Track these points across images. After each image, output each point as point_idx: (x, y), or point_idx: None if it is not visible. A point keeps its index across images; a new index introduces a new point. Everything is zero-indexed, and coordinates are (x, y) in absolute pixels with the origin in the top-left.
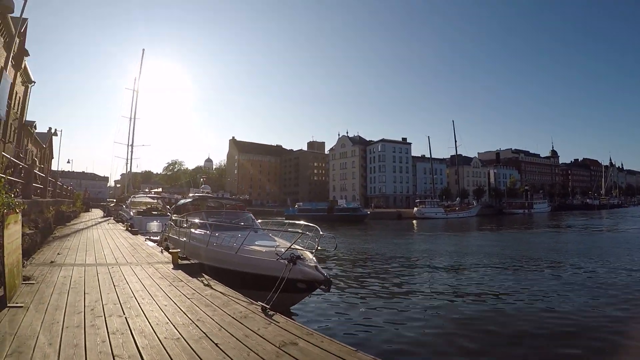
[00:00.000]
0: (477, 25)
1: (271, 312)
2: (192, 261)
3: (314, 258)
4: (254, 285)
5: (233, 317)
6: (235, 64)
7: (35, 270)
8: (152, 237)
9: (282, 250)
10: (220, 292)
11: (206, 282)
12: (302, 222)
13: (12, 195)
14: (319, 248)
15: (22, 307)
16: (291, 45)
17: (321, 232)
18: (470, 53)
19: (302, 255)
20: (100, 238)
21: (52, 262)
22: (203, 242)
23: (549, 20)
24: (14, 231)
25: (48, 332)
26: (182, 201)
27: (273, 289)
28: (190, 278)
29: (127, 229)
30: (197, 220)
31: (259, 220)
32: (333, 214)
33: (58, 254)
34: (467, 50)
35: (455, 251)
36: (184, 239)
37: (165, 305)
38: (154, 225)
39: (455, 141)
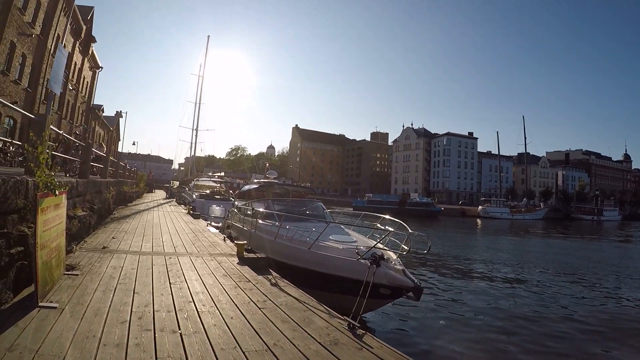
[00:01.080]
0: (552, 15)
1: (360, 332)
2: (258, 255)
3: (399, 260)
4: (329, 286)
5: (319, 342)
6: (299, 52)
7: (84, 257)
8: (213, 223)
9: (362, 248)
10: (295, 299)
11: (276, 283)
12: (386, 216)
13: (53, 174)
14: (407, 248)
15: (55, 307)
16: (356, 35)
17: (410, 231)
18: (541, 44)
19: (385, 255)
20: (160, 221)
21: (104, 247)
22: (270, 234)
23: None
24: (55, 216)
25: (79, 351)
26: (247, 187)
27: (353, 294)
28: (257, 276)
29: (188, 213)
30: (262, 209)
31: (327, 210)
32: (405, 208)
33: (113, 237)
34: (537, 41)
35: (543, 261)
36: (249, 228)
37: (232, 319)
38: (217, 210)
39: (525, 138)
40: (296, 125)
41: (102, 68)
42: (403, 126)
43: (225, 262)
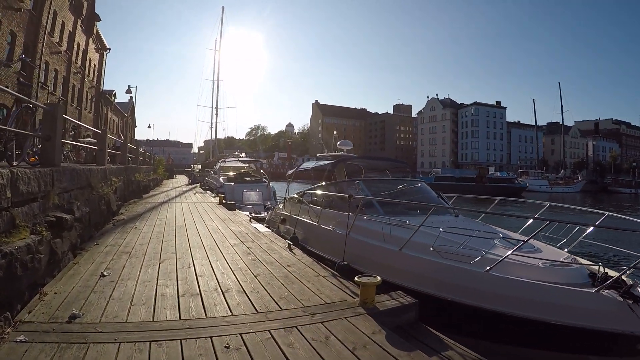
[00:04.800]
0: None
1: None
2: (402, 299)
3: None
4: (532, 340)
5: None
6: (313, 27)
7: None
8: (253, 213)
9: (576, 265)
10: None
11: None
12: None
13: None
14: None
15: None
16: (374, 6)
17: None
18: (566, 9)
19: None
20: (185, 221)
21: (71, 318)
22: (388, 241)
23: None
24: None
25: None
26: (307, 164)
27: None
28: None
29: (220, 202)
30: (354, 196)
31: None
32: (484, 185)
33: (102, 275)
34: (563, 6)
35: None
36: (331, 228)
37: None
38: (253, 196)
39: (562, 106)
40: (316, 100)
41: (109, 50)
42: (427, 97)
43: (347, 331)
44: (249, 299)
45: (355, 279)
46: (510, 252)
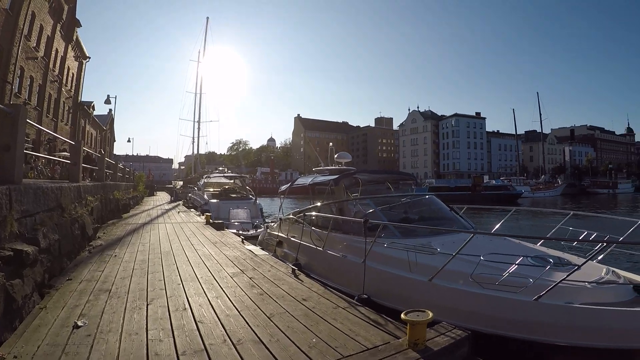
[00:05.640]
0: None
1: None
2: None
3: None
4: None
5: None
6: (298, 39)
7: None
8: (242, 232)
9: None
10: None
11: None
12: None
13: None
14: None
15: None
16: (356, 19)
17: None
18: (538, 24)
19: None
20: (171, 245)
21: None
22: (418, 271)
23: None
24: None
25: None
26: (304, 179)
27: None
28: None
29: (207, 222)
30: (360, 216)
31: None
32: (480, 193)
33: (76, 327)
34: (535, 20)
35: None
36: (342, 253)
37: None
38: (241, 213)
39: (540, 115)
40: (298, 114)
41: (89, 58)
42: (409, 110)
43: None
44: (271, 353)
45: (403, 316)
46: (565, 276)
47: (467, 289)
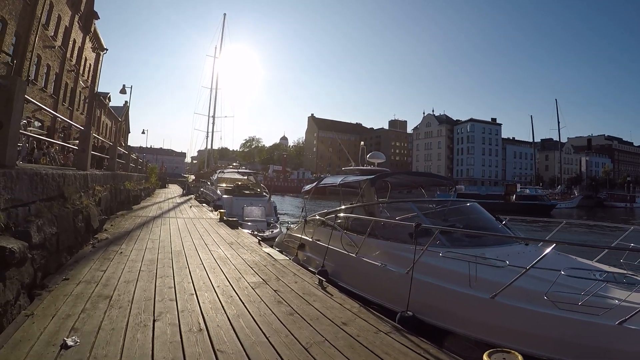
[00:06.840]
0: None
1: None
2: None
3: None
4: None
5: None
6: (312, 39)
7: None
8: (256, 231)
9: None
10: None
11: None
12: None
13: None
14: None
15: None
16: (371, 21)
17: None
18: (557, 32)
19: None
20: (183, 244)
21: None
22: (476, 285)
23: None
24: None
25: None
26: (332, 179)
27: None
28: None
29: (221, 219)
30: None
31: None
32: (513, 202)
33: (64, 346)
34: (554, 28)
35: None
36: (383, 265)
37: None
38: (255, 211)
39: (559, 122)
40: (312, 114)
41: (107, 50)
42: (423, 113)
43: None
44: None
45: (486, 358)
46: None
47: (547, 311)
